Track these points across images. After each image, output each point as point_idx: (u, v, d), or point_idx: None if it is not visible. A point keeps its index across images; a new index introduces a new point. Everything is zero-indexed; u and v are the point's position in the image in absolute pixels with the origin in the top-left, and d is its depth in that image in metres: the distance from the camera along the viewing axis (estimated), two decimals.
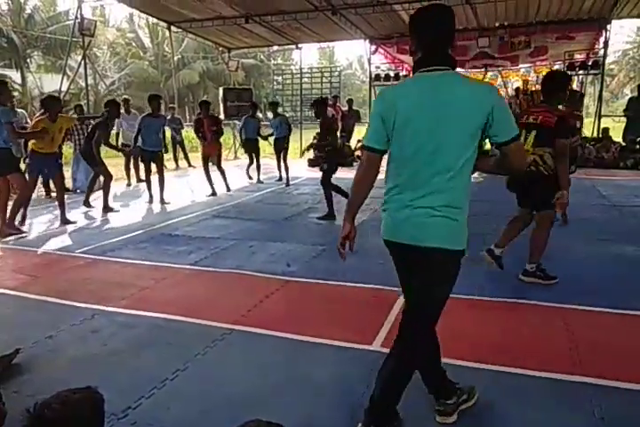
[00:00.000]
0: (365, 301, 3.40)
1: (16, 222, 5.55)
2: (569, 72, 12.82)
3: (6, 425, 1.68)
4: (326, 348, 2.70)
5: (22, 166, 6.29)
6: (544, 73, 15.97)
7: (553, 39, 12.25)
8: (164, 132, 7.49)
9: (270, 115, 9.69)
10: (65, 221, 5.95)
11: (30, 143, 5.64)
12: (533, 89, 14.36)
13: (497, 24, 12.47)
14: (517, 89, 13.95)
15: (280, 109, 11.06)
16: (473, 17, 11.67)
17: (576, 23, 11.66)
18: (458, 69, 1.90)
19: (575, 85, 13.52)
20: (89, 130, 7.00)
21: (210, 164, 7.91)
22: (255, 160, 9.14)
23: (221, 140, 8.18)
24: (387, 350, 2.57)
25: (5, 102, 5.38)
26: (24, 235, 5.39)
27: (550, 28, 11.94)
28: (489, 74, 16.15)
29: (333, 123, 6.66)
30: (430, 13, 1.79)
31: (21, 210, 5.76)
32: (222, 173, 8.04)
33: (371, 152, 1.88)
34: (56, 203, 6.15)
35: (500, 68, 15.66)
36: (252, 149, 9.14)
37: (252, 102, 10.05)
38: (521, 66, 15.41)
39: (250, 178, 9.43)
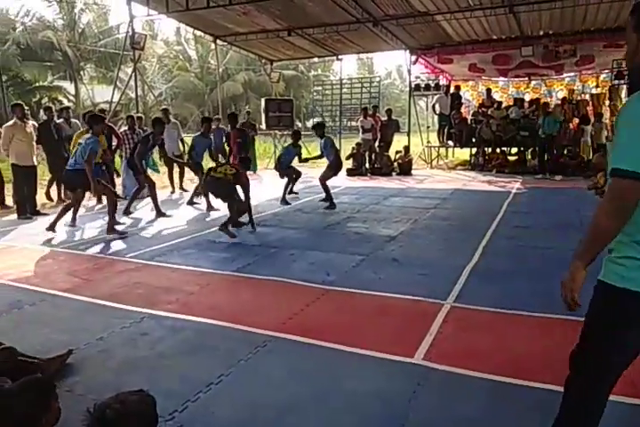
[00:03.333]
0: (406, 312, 3.38)
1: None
2: (616, 81, 12.48)
3: (59, 423, 1.77)
4: (366, 359, 2.71)
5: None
6: (590, 82, 15.57)
7: (600, 47, 11.93)
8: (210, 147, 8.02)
9: (309, 123, 8.99)
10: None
11: None
12: (579, 98, 14.02)
13: (541, 33, 12.26)
14: (564, 98, 13.68)
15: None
16: (516, 26, 11.51)
17: (625, 31, 11.32)
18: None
19: (623, 94, 13.08)
20: (135, 142, 7.50)
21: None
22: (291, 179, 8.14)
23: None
24: (428, 364, 2.61)
25: None
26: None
27: (597, 36, 11.64)
28: (532, 83, 15.84)
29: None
30: None
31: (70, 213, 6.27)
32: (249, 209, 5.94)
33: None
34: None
35: (545, 77, 15.34)
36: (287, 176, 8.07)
37: (295, 130, 8.41)
38: (565, 75, 15.06)
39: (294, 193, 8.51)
